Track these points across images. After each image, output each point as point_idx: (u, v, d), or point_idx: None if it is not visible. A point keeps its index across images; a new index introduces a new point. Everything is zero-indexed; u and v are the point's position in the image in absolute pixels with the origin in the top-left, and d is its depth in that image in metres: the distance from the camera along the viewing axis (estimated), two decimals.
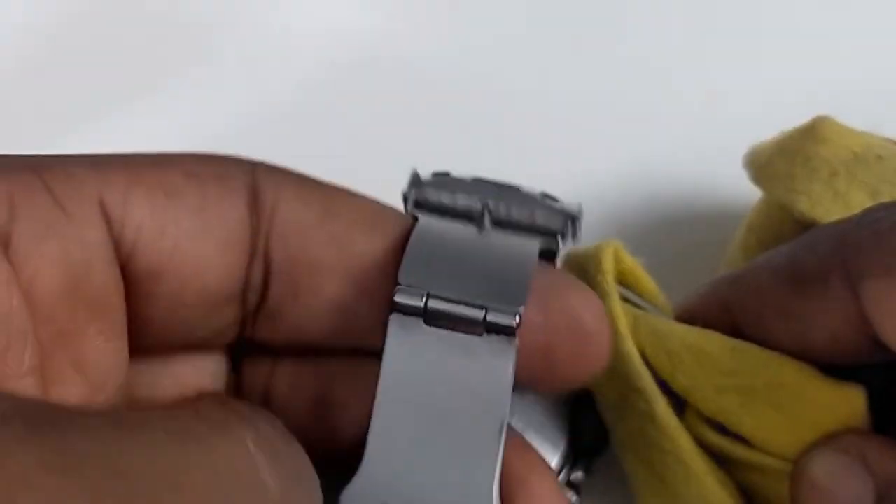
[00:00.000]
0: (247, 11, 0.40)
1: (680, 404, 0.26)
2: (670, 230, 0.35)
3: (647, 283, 0.28)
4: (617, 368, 0.26)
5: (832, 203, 0.28)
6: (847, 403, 0.24)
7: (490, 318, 0.19)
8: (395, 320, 0.19)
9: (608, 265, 0.26)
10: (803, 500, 0.24)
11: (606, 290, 0.26)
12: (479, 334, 0.19)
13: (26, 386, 0.18)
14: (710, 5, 0.40)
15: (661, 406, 0.26)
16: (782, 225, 0.29)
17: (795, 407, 0.24)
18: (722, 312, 0.26)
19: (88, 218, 0.19)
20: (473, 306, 0.19)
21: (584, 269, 0.27)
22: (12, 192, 0.18)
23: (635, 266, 0.27)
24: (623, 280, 0.27)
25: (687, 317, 0.26)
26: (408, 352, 0.19)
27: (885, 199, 0.27)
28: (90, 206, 0.19)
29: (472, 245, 0.20)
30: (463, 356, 0.19)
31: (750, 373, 0.25)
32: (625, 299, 0.27)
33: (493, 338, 0.19)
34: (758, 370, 0.25)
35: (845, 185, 0.28)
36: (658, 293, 0.28)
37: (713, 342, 0.25)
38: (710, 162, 0.34)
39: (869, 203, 0.27)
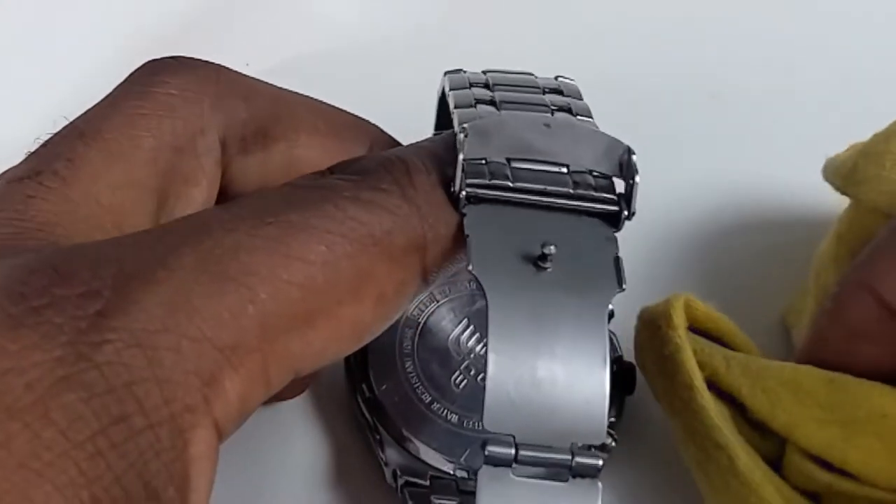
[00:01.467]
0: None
1: (780, 444, 0.26)
2: (744, 234, 0.35)
3: (726, 325, 0.27)
4: (694, 424, 0.26)
5: None
6: None
7: (576, 462, 0.20)
8: (485, 472, 0.20)
9: (678, 319, 0.26)
10: None
11: (679, 344, 0.26)
12: (566, 479, 0.20)
13: None
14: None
15: (743, 460, 0.25)
16: (873, 233, 0.28)
17: None
18: (867, 296, 0.25)
19: None
20: (561, 451, 0.20)
21: (657, 325, 0.27)
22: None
23: (709, 311, 0.27)
24: (701, 327, 0.27)
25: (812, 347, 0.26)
26: None
27: None
28: None
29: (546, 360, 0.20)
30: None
31: (850, 405, 0.24)
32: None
33: (580, 482, 0.20)
34: (858, 402, 0.24)
35: None
36: (738, 333, 0.28)
37: (810, 377, 0.25)
38: (782, 165, 0.35)
39: None
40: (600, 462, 0.20)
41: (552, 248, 0.21)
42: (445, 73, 0.25)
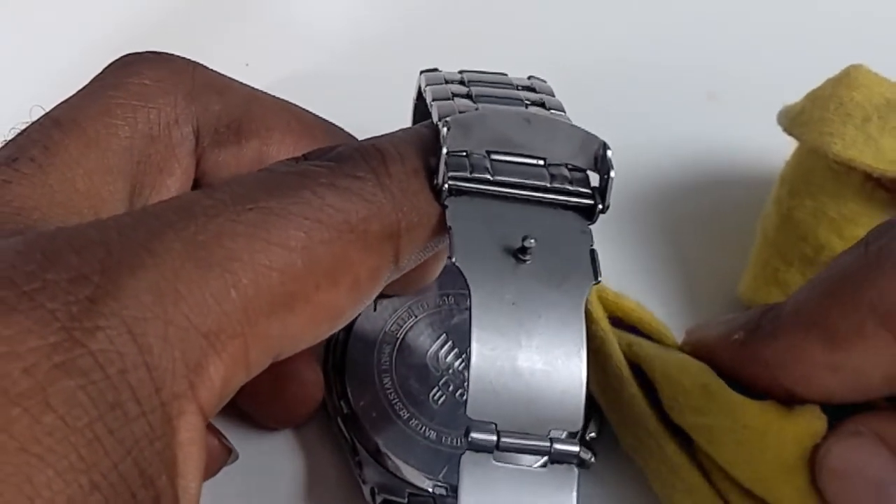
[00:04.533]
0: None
1: None
2: (704, 192, 0.36)
3: (636, 312, 0.28)
4: (626, 413, 0.27)
5: (864, 146, 0.28)
6: (809, 433, 0.24)
7: (555, 448, 0.20)
8: (468, 458, 0.20)
9: (597, 312, 0.27)
10: (832, 492, 0.23)
11: (604, 338, 0.27)
12: (545, 465, 0.20)
13: None
14: None
15: (672, 447, 0.26)
16: (813, 173, 0.29)
17: (759, 445, 0.24)
18: (763, 370, 0.25)
19: None
20: (540, 438, 0.20)
21: None
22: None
23: (619, 300, 0.28)
24: (612, 315, 0.28)
25: (709, 357, 0.26)
26: (481, 492, 0.20)
27: None
28: None
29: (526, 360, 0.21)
30: (531, 491, 0.20)
31: (718, 412, 0.25)
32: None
33: (557, 468, 0.20)
34: (725, 412, 0.25)
35: (878, 130, 0.28)
36: (651, 319, 0.28)
37: (689, 376, 0.26)
38: (741, 125, 0.36)
39: None
40: (577, 449, 0.20)
41: (532, 241, 0.21)
42: (421, 72, 0.25)
